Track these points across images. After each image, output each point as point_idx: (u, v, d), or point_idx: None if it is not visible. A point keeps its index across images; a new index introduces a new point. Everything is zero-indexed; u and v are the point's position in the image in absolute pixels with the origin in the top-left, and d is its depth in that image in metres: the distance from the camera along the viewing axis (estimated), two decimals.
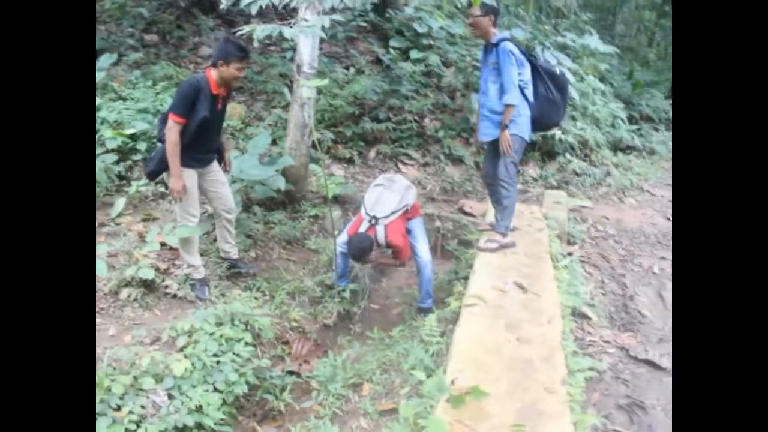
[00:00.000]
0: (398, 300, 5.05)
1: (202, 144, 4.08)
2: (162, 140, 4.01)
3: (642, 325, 4.32)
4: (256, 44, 3.76)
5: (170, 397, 3.10)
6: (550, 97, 4.23)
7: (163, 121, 4.03)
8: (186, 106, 3.86)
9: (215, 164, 4.33)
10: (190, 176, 4.09)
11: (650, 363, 3.82)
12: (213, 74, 3.94)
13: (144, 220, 4.93)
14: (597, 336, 4.09)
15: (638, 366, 3.81)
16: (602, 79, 9.20)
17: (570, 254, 4.84)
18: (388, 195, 4.44)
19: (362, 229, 4.38)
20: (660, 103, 10.14)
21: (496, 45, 4.04)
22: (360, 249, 4.29)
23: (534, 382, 2.72)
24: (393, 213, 4.35)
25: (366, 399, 3.32)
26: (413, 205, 4.59)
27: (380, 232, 4.32)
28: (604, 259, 5.42)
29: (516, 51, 4.02)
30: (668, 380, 3.64)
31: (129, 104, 5.95)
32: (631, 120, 9.08)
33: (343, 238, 4.56)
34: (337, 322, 4.61)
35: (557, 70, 4.33)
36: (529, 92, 4.18)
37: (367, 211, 4.40)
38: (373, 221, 4.34)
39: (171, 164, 3.91)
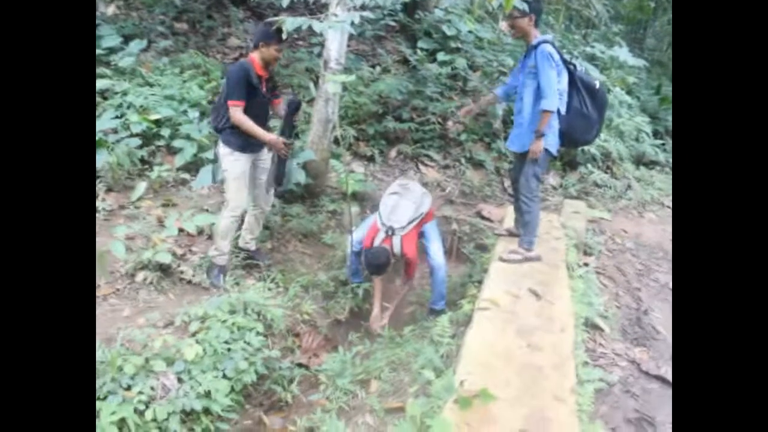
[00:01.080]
0: (411, 300, 5.04)
1: None
2: (218, 129, 4.15)
3: (655, 340, 4.25)
4: (284, 36, 3.80)
5: (180, 380, 3.13)
6: (584, 112, 3.92)
7: (217, 110, 4.15)
8: (241, 89, 3.98)
9: (265, 151, 4.38)
10: (245, 162, 4.19)
11: (661, 379, 3.76)
12: (256, 56, 4.06)
13: (164, 206, 4.99)
14: (609, 348, 4.04)
15: (649, 381, 3.76)
16: (629, 92, 9.09)
17: (586, 265, 4.79)
18: (404, 204, 4.38)
19: (378, 239, 4.31)
20: None
21: (536, 47, 3.80)
22: (377, 265, 4.24)
23: (543, 389, 2.71)
24: (410, 223, 4.30)
25: (373, 396, 3.32)
26: (428, 211, 4.56)
27: (396, 243, 4.27)
28: (620, 272, 5.35)
29: (556, 55, 3.76)
30: None
31: (156, 90, 6.03)
32: (656, 135, 8.95)
33: (356, 236, 4.52)
34: (348, 318, 4.62)
35: (597, 84, 3.96)
36: (563, 103, 3.87)
37: (383, 221, 4.32)
38: (390, 232, 4.27)
39: (257, 134, 4.06)
